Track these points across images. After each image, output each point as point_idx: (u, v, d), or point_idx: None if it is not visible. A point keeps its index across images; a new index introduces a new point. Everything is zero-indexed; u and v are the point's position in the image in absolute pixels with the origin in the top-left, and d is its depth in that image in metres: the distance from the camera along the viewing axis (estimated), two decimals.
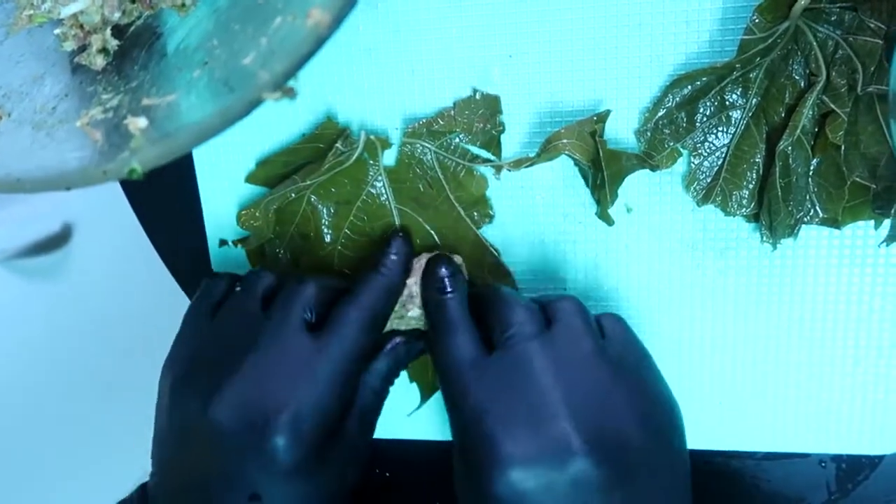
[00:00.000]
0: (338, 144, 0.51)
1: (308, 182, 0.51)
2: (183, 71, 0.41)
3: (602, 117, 0.48)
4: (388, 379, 0.50)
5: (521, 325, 0.45)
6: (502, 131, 0.50)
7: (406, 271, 0.50)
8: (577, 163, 0.50)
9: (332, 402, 0.45)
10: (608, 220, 0.49)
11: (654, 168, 0.48)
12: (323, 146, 0.52)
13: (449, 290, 0.48)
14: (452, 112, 0.50)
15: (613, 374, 0.44)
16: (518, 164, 0.49)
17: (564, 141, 0.48)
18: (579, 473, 0.41)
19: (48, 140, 0.40)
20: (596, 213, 0.49)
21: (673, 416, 0.46)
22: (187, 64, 0.41)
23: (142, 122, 0.38)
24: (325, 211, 0.53)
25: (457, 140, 0.51)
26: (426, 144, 0.51)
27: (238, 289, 0.49)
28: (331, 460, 0.46)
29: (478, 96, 0.50)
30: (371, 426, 0.50)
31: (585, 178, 0.50)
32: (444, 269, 0.49)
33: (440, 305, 0.48)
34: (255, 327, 0.46)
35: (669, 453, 0.44)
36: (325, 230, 0.54)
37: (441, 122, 0.51)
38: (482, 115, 0.50)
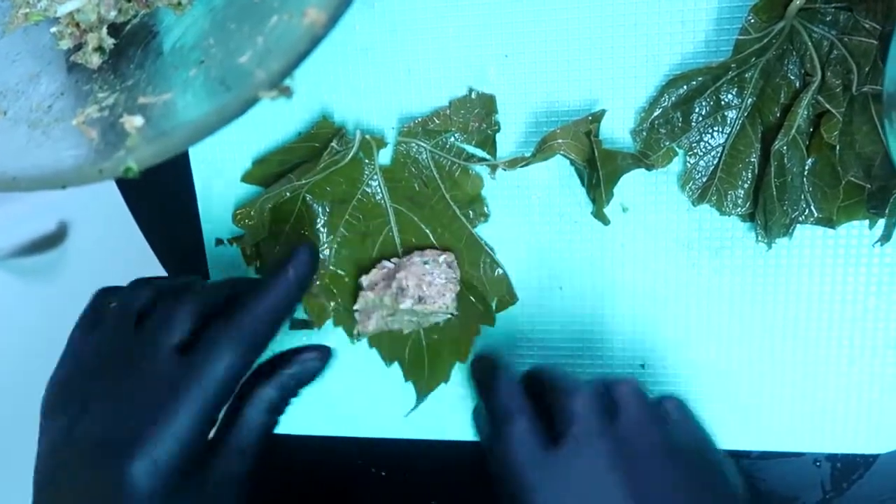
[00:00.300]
0: (333, 143, 0.51)
1: (303, 181, 0.52)
2: (179, 69, 0.41)
3: (597, 117, 0.48)
4: (275, 409, 0.47)
5: (587, 417, 0.43)
6: (497, 130, 0.51)
7: (302, 291, 0.47)
8: (572, 163, 0.50)
9: (195, 430, 0.42)
10: (604, 220, 0.49)
11: (649, 167, 0.48)
12: (318, 145, 0.52)
13: (504, 376, 0.46)
14: (448, 111, 0.50)
15: (678, 465, 0.42)
16: (513, 163, 0.49)
17: (560, 141, 0.48)
18: None
19: (44, 138, 0.40)
20: (592, 213, 0.49)
21: (735, 498, 0.44)
22: (183, 62, 0.41)
23: (138, 120, 0.38)
24: (320, 210, 0.53)
25: (452, 139, 0.51)
26: (421, 143, 0.51)
27: (112, 304, 0.47)
28: (197, 487, 0.43)
29: (473, 95, 0.50)
30: (252, 457, 0.46)
31: (581, 177, 0.50)
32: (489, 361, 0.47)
33: (498, 391, 0.45)
34: (126, 346, 0.44)
35: None
36: (321, 229, 0.54)
37: (436, 122, 0.51)
38: (478, 114, 0.50)
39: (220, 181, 0.55)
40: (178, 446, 0.41)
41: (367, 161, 0.52)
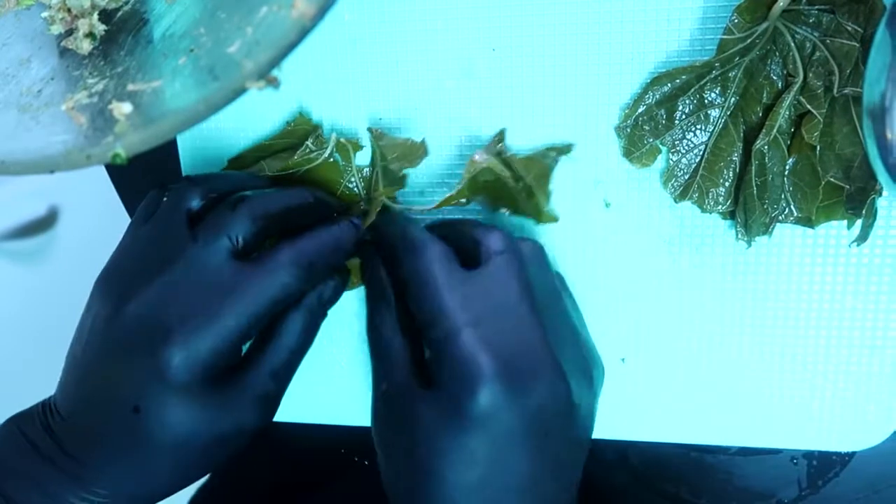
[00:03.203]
0: (308, 142, 0.51)
1: (277, 174, 0.52)
2: (169, 57, 0.41)
3: (501, 137, 0.50)
4: (305, 331, 0.48)
5: (504, 247, 0.45)
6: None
7: (355, 245, 0.49)
8: (484, 208, 0.52)
9: (236, 336, 0.43)
10: (551, 219, 0.49)
11: (565, 152, 0.50)
12: (295, 142, 0.53)
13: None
14: None
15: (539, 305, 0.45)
16: (446, 202, 0.51)
17: (480, 164, 0.49)
18: (547, 396, 0.42)
19: (33, 123, 0.41)
20: (536, 222, 0.49)
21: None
22: (173, 51, 0.41)
23: (126, 107, 0.38)
24: None
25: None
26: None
27: (165, 199, 0.47)
28: (226, 398, 0.44)
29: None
30: (283, 380, 0.48)
31: (494, 211, 0.51)
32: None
33: (405, 228, 0.47)
34: (180, 242, 0.44)
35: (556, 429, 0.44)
36: None
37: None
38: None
39: (208, 169, 0.56)
40: (218, 347, 0.43)
41: (344, 164, 0.52)
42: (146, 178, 0.59)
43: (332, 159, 0.52)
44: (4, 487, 0.43)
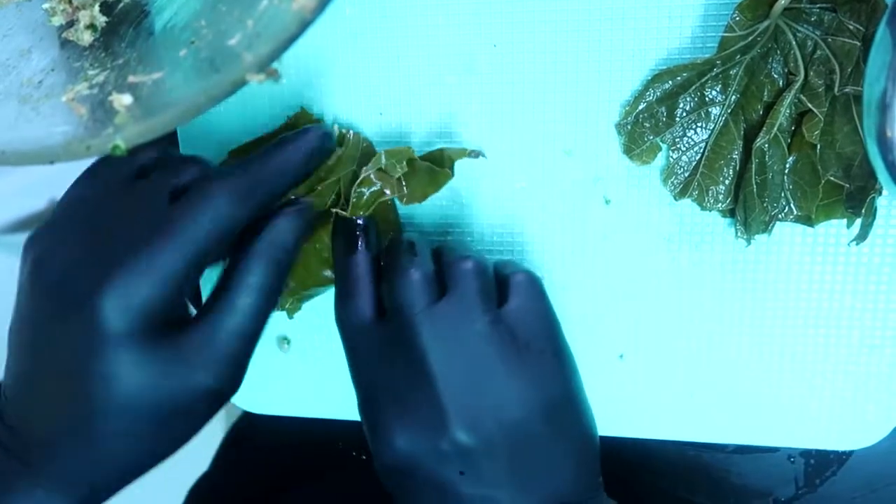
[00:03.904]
0: None
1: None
2: (169, 50, 0.41)
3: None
4: (261, 287, 0.43)
5: (409, 295, 0.45)
6: None
7: (308, 165, 0.46)
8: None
9: (172, 278, 0.39)
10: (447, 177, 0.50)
11: (475, 156, 0.51)
12: None
13: (359, 246, 0.48)
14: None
15: (500, 351, 0.44)
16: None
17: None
18: (452, 446, 0.43)
19: (33, 114, 0.41)
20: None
21: (563, 395, 0.46)
22: (174, 43, 0.41)
23: (127, 98, 0.38)
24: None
25: None
26: None
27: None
28: (176, 353, 0.40)
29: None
30: (243, 340, 0.42)
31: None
32: (359, 222, 0.48)
33: (345, 264, 0.48)
34: (119, 194, 0.41)
35: (555, 432, 0.45)
36: None
37: None
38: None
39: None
40: (155, 292, 0.39)
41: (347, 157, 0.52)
42: None
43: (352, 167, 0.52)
44: None
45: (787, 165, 0.47)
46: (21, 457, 0.40)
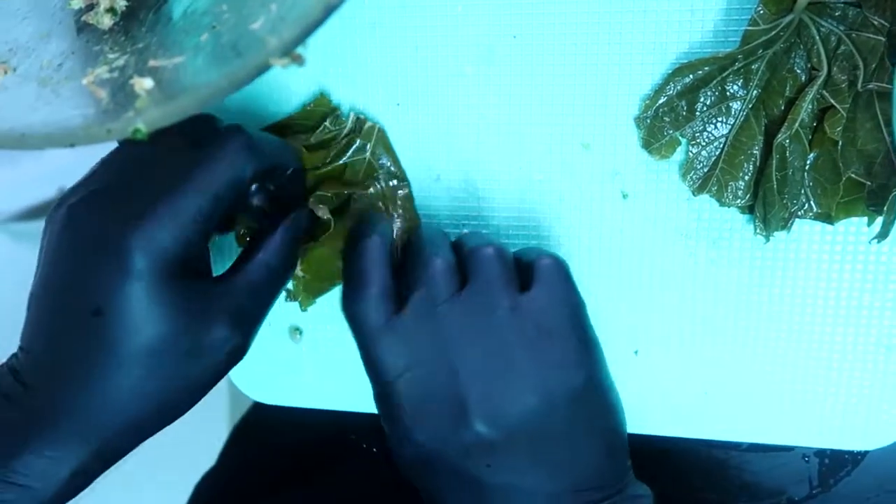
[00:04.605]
0: (326, 123, 0.52)
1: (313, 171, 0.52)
2: (190, 34, 0.41)
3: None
4: (278, 250, 0.46)
5: (431, 285, 0.45)
6: None
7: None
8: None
9: (198, 222, 0.42)
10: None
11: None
12: (313, 123, 0.53)
13: (369, 231, 0.48)
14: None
15: (521, 339, 0.44)
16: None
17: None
18: (474, 439, 0.43)
19: (53, 97, 0.40)
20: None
21: (588, 381, 0.45)
22: (195, 27, 0.41)
23: (147, 82, 0.38)
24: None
25: None
26: None
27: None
28: (197, 301, 0.42)
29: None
30: (261, 298, 0.46)
31: None
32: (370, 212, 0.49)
33: (357, 251, 0.47)
34: (144, 147, 0.42)
35: (580, 418, 0.45)
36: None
37: None
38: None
39: None
40: (175, 232, 0.41)
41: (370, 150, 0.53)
42: None
43: (365, 156, 0.52)
44: None
45: (808, 162, 0.47)
46: (36, 412, 0.41)
